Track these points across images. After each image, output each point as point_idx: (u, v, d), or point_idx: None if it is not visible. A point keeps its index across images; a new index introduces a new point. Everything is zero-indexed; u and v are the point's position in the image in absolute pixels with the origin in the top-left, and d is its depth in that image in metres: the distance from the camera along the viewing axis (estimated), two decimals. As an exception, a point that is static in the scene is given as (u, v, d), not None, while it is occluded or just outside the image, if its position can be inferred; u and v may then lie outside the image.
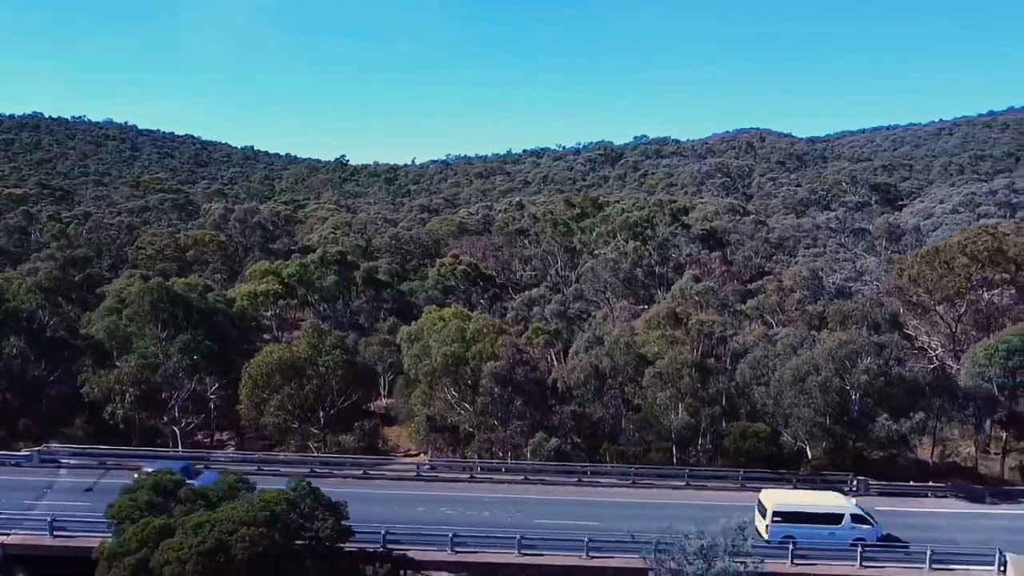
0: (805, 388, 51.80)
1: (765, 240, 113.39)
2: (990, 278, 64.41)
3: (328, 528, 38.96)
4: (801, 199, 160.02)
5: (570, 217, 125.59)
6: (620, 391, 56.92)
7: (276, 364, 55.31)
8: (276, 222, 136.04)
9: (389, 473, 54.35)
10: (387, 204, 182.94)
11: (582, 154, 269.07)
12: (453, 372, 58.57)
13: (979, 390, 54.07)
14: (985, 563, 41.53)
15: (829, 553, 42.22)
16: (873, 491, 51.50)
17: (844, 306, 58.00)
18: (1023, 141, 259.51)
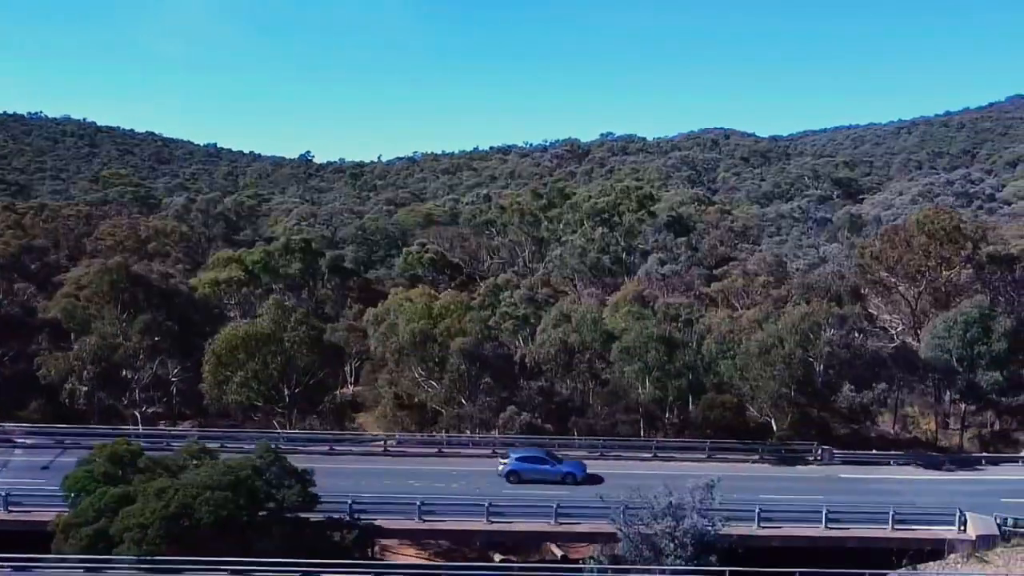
0: (770, 360, 52.34)
1: (730, 229, 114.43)
2: (948, 256, 65.67)
3: (295, 495, 38.41)
4: (765, 192, 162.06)
5: (537, 207, 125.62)
6: (588, 366, 56.99)
7: (240, 339, 54.39)
8: (240, 212, 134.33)
9: (356, 449, 53.76)
10: (353, 198, 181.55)
11: (549, 151, 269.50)
12: (420, 350, 58.24)
13: (938, 362, 55.05)
14: (946, 523, 42.26)
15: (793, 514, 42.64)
16: (837, 460, 52.21)
17: (807, 278, 58.83)
18: (977, 139, 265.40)
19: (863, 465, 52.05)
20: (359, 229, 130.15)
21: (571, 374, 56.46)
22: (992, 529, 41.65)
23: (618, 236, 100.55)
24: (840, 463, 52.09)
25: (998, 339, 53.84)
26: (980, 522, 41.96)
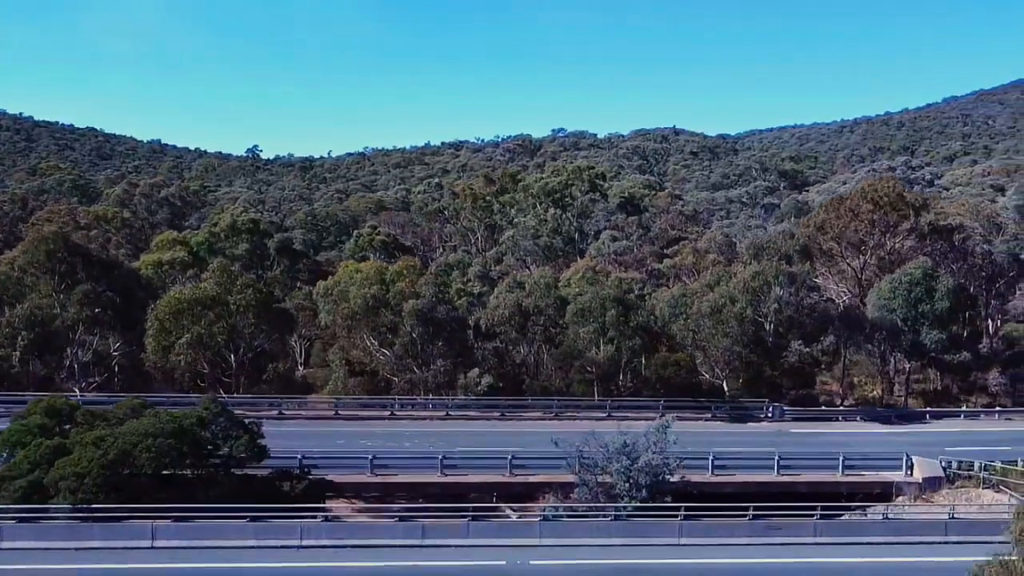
0: (722, 319, 52.73)
1: (680, 213, 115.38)
2: (893, 225, 67.07)
3: (242, 446, 37.20)
4: (714, 183, 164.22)
5: (490, 193, 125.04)
6: (543, 329, 56.67)
7: (186, 303, 52.73)
8: (185, 198, 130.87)
9: (305, 413, 52.72)
10: (303, 190, 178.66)
11: (501, 146, 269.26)
12: (373, 315, 57.21)
13: (884, 322, 56.12)
14: (893, 467, 43.02)
15: (745, 464, 42.98)
16: (788, 416, 52.88)
17: (757, 239, 59.51)
18: (916, 137, 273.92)
19: (812, 421, 52.82)
20: (309, 215, 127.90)
21: (526, 337, 56.05)
22: (938, 472, 42.56)
23: (570, 217, 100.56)
24: (790, 419, 52.76)
25: (941, 298, 55.12)
26: (926, 466, 42.86)
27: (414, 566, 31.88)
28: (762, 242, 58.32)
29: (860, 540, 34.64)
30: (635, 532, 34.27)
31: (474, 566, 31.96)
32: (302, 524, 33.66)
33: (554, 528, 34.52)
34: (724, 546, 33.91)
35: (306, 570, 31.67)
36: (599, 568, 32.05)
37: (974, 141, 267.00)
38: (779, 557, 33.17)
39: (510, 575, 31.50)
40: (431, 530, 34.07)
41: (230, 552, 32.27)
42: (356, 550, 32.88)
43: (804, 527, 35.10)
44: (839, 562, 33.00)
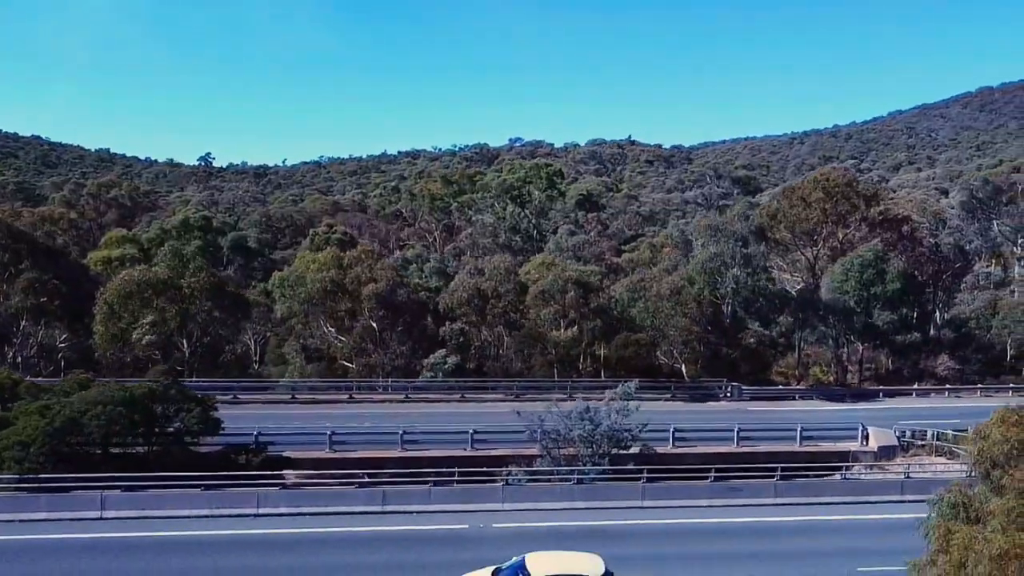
0: (681, 300, 53.17)
1: (637, 213, 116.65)
2: (844, 214, 68.49)
3: (195, 418, 36.29)
4: (669, 188, 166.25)
5: (448, 194, 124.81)
6: (503, 313, 56.49)
7: (136, 286, 51.31)
8: (135, 199, 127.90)
9: (262, 398, 51.53)
10: (257, 194, 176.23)
11: (458, 155, 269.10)
12: (330, 302, 56.48)
13: (837, 304, 57.18)
14: (850, 437, 43.72)
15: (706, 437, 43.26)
16: (746, 396, 53.43)
17: (713, 221, 60.27)
18: (864, 148, 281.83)
19: (770, 400, 53.48)
20: (263, 216, 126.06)
21: (486, 321, 55.80)
22: (892, 441, 43.37)
23: (529, 214, 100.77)
24: (749, 399, 53.34)
25: (892, 280, 56.40)
26: (881, 435, 43.65)
27: (375, 530, 31.31)
28: (717, 224, 59.10)
29: (819, 500, 35.00)
30: (598, 495, 34.15)
31: (436, 529, 31.52)
32: (259, 492, 32.83)
33: (517, 492, 34.21)
34: (686, 508, 33.98)
35: (263, 536, 30.81)
36: (562, 529, 31.81)
37: (918, 152, 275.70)
38: (740, 517, 33.34)
39: (473, 537, 31.08)
40: (392, 496, 33.48)
41: (183, 521, 31.30)
42: (316, 517, 32.16)
43: (764, 488, 35.37)
44: (799, 520, 33.32)
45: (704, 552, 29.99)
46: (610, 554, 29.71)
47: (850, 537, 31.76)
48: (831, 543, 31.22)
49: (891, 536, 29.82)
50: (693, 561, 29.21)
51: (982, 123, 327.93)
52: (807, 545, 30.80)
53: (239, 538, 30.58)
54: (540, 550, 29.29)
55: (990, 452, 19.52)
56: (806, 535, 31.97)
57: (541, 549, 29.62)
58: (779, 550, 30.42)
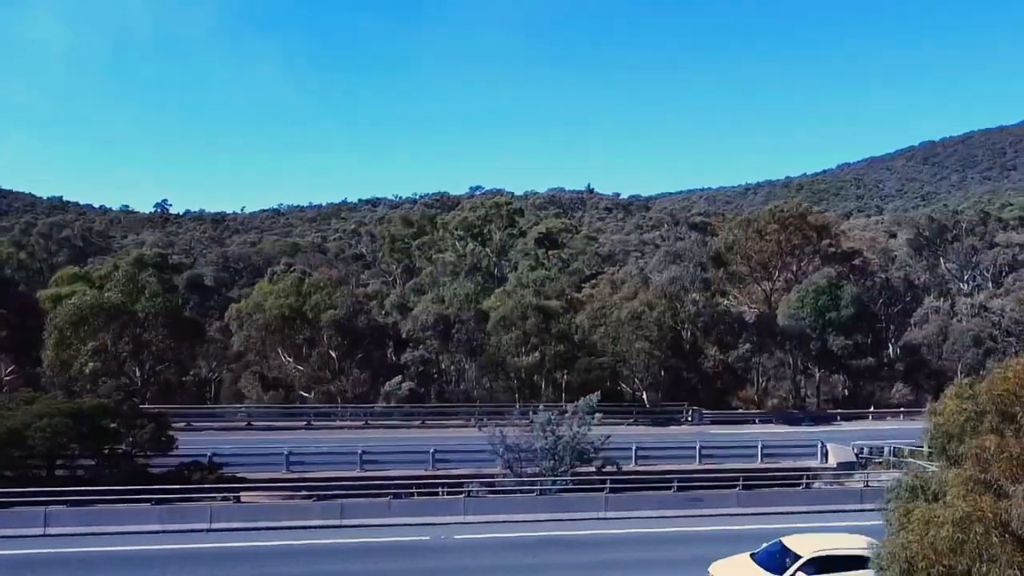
0: (641, 324, 53.55)
1: (596, 253, 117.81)
2: (799, 246, 70.11)
3: (147, 434, 35.23)
4: (628, 232, 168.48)
5: (408, 235, 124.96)
6: (466, 340, 56.26)
7: (88, 310, 50.06)
8: (88, 239, 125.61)
9: (216, 424, 50.24)
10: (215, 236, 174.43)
11: (419, 202, 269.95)
12: (288, 329, 55.75)
13: (794, 330, 58.13)
14: (809, 455, 44.06)
15: (668, 455, 43.32)
16: (707, 420, 53.64)
17: (672, 247, 61.17)
18: (814, 198, 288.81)
19: (731, 424, 53.76)
20: (220, 257, 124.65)
21: (448, 348, 55.46)
22: (851, 458, 43.80)
23: (489, 253, 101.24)
24: (709, 423, 53.53)
25: (846, 306, 57.60)
26: (840, 452, 44.08)
27: (334, 543, 30.44)
28: (676, 249, 60.05)
29: (782, 510, 34.93)
30: (560, 507, 33.73)
31: (397, 541, 30.75)
32: (212, 507, 31.76)
33: (479, 505, 33.63)
34: (649, 518, 33.70)
35: (217, 550, 29.71)
36: (525, 540, 31.30)
37: (867, 201, 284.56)
38: (704, 526, 33.20)
39: (434, 549, 30.37)
40: (351, 509, 32.66)
41: (132, 537, 30.07)
42: (271, 531, 31.19)
43: (727, 498, 35.31)
44: (763, 528, 33.12)
45: (667, 557, 29.67)
46: (573, 561, 29.45)
47: (813, 543, 31.71)
48: (795, 548, 31.15)
49: (853, 540, 30.01)
50: (654, 565, 28.89)
51: (926, 175, 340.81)
52: (772, 550, 30.67)
53: (192, 552, 29.45)
54: (510, 559, 28.89)
55: (945, 426, 19.79)
56: (769, 540, 31.86)
57: (505, 559, 29.20)
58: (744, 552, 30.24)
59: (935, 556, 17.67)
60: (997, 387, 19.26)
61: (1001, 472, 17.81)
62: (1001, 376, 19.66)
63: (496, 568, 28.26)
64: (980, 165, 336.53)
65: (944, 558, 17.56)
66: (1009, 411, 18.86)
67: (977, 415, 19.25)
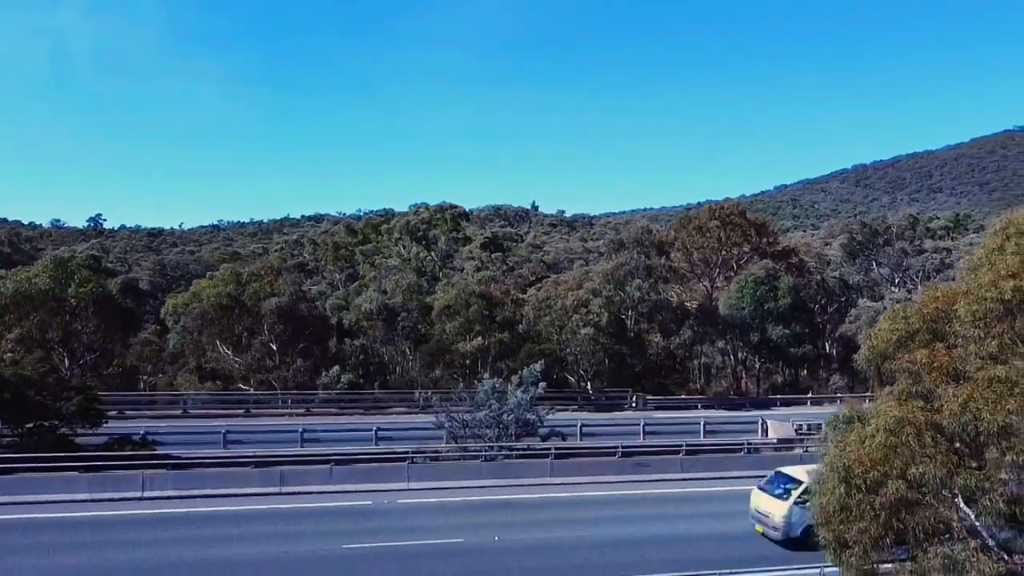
0: (587, 312, 53.84)
1: (541, 260, 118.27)
2: (738, 244, 71.54)
3: (74, 406, 33.84)
4: (572, 246, 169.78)
5: (352, 243, 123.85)
6: (410, 328, 55.74)
7: (10, 297, 48.03)
8: (17, 244, 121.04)
9: (150, 412, 48.55)
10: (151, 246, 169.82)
11: (364, 218, 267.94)
12: (227, 317, 54.40)
13: (734, 319, 59.16)
14: (750, 431, 44.77)
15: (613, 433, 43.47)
16: (651, 406, 54.02)
17: (616, 236, 61.78)
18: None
19: (674, 409, 54.20)
20: (157, 264, 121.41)
21: (393, 336, 54.85)
22: (790, 433, 44.55)
23: (434, 257, 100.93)
24: (653, 409, 53.91)
25: (783, 296, 58.91)
26: (780, 428, 44.87)
27: (273, 508, 29.61)
28: (621, 238, 60.71)
29: (725, 474, 35.36)
30: (507, 473, 33.46)
31: (339, 506, 30.08)
32: (144, 474, 30.62)
33: (423, 471, 33.16)
34: (595, 483, 33.71)
35: (150, 516, 28.59)
36: (472, 503, 30.96)
37: (803, 220, 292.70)
38: (649, 489, 33.35)
39: (378, 512, 29.78)
40: (291, 476, 31.88)
41: (60, 505, 28.78)
42: (208, 499, 30.19)
43: (671, 463, 35.56)
44: (706, 491, 33.57)
45: (614, 515, 29.69)
46: (520, 519, 29.23)
47: (755, 501, 32.13)
48: (739, 506, 31.49)
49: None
50: (601, 522, 28.86)
51: (858, 196, 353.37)
52: (715, 508, 30.99)
53: (123, 517, 28.31)
54: (457, 519, 28.52)
55: (879, 347, 20.36)
56: (712, 502, 32.18)
57: (452, 519, 28.78)
58: (687, 512, 30.50)
59: (871, 463, 18.12)
60: (927, 307, 19.95)
61: (932, 381, 18.40)
62: (931, 297, 20.38)
63: (444, 527, 27.84)
64: (908, 187, 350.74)
65: (879, 465, 18.01)
66: (938, 329, 19.54)
67: (909, 335, 19.86)
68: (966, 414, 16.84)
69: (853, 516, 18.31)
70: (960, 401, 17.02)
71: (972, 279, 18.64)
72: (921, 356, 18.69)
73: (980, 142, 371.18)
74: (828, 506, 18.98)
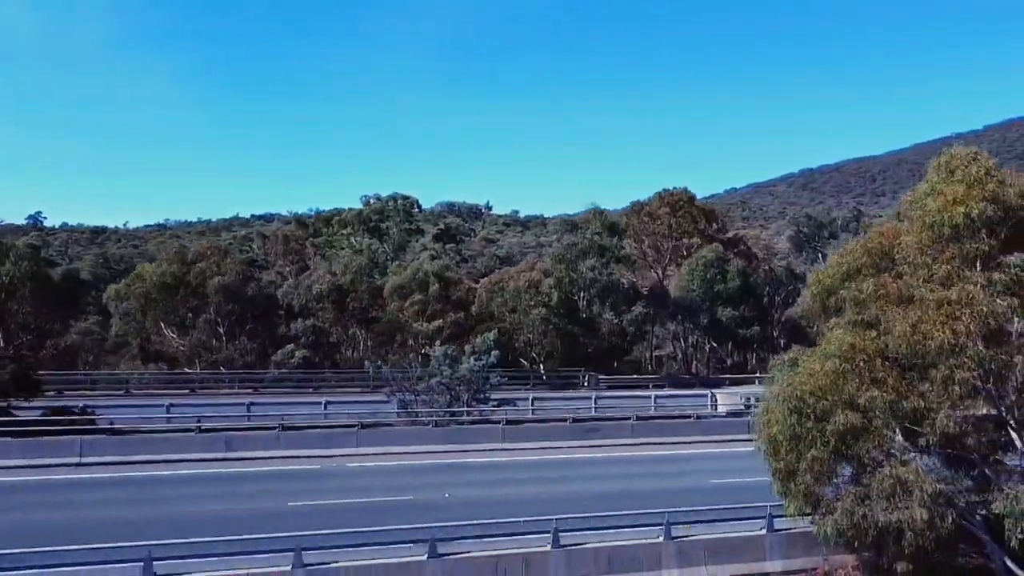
0: (539, 292, 53.84)
1: (495, 255, 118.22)
2: (687, 230, 72.31)
3: (8, 375, 32.56)
4: (526, 241, 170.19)
5: (303, 236, 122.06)
6: (361, 309, 55.07)
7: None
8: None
9: (92, 392, 46.91)
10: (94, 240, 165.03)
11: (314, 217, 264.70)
12: (172, 296, 53.06)
13: (684, 301, 59.71)
14: (700, 406, 45.16)
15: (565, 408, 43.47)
16: (603, 385, 54.12)
17: (568, 218, 61.88)
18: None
19: (626, 388, 54.36)
20: (100, 257, 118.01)
21: (343, 317, 54.09)
22: (739, 406, 45.16)
23: (387, 248, 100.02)
24: (605, 388, 54.01)
25: (732, 278, 59.69)
26: (729, 401, 45.51)
27: (218, 471, 28.85)
28: (574, 220, 60.84)
29: (674, 439, 35.67)
30: (459, 438, 33.23)
31: (287, 470, 29.44)
32: (82, 440, 29.61)
33: (373, 437, 32.70)
34: (546, 448, 33.66)
35: (87, 480, 27.60)
36: (423, 465, 30.63)
37: (752, 223, 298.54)
38: (599, 453, 33.40)
39: (327, 474, 29.24)
40: (238, 442, 31.19)
41: (-11, 472, 27.64)
42: (150, 465, 29.28)
43: (621, 429, 35.74)
44: (656, 453, 33.77)
45: (565, 475, 29.68)
46: (472, 479, 28.98)
47: (704, 462, 32.47)
48: (688, 467, 31.81)
49: (739, 461, 31.02)
50: (554, 481, 28.80)
51: (805, 200, 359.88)
52: (666, 468, 31.19)
53: (61, 482, 27.30)
54: (408, 479, 28.19)
55: (826, 282, 20.70)
56: (663, 463, 32.37)
57: (403, 480, 28.41)
58: (638, 471, 30.59)
59: (822, 392, 18.37)
60: (872, 242, 20.33)
61: (879, 309, 18.74)
62: (876, 233, 20.80)
63: (393, 487, 27.42)
64: (853, 191, 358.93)
65: (830, 393, 18.28)
66: (883, 263, 19.91)
67: (856, 269, 20.22)
68: (916, 335, 17.18)
69: (804, 445, 18.56)
70: (910, 323, 17.37)
71: (917, 210, 19.05)
72: (869, 285, 19.06)
73: (921, 148, 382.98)
74: (777, 436, 19.23)
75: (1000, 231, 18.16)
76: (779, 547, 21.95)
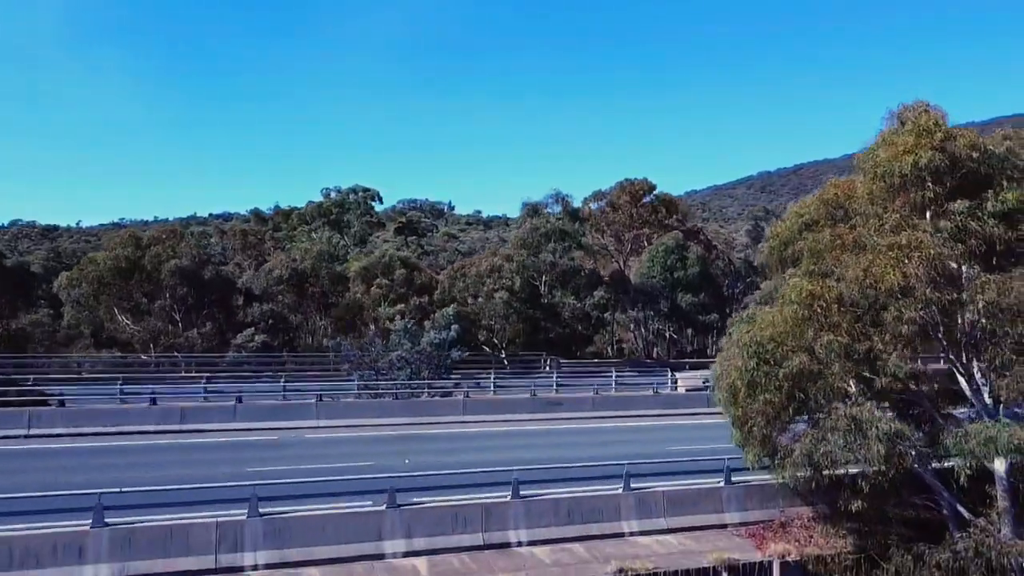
0: (501, 276, 53.84)
1: (456, 250, 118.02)
2: (648, 221, 72.95)
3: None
4: (489, 236, 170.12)
5: (261, 231, 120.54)
6: (321, 294, 54.51)
7: None
8: None
9: (41, 375, 45.68)
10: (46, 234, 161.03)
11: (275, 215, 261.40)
12: (126, 284, 51.97)
13: (645, 287, 60.24)
14: (660, 384, 45.52)
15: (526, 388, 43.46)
16: (564, 369, 54.21)
17: (531, 201, 61.96)
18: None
19: (587, 375, 54.62)
20: (52, 252, 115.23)
21: (303, 302, 53.46)
22: (698, 385, 45.57)
23: (348, 242, 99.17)
24: (567, 373, 54.13)
25: (692, 265, 60.37)
26: (689, 380, 45.83)
27: (173, 442, 28.30)
28: (535, 204, 61.03)
29: (634, 412, 35.93)
30: (420, 411, 33.03)
31: (243, 440, 28.98)
32: (30, 411, 28.83)
33: (332, 410, 32.35)
34: (508, 421, 33.63)
35: (34, 450, 26.87)
36: (383, 436, 30.39)
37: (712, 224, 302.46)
38: (560, 424, 33.47)
39: (285, 444, 28.83)
40: (192, 414, 30.63)
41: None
42: (101, 436, 28.62)
43: (583, 403, 35.88)
44: (617, 425, 33.97)
45: (526, 444, 29.65)
46: (432, 448, 28.82)
47: (664, 432, 32.79)
48: (648, 436, 32.05)
49: (698, 432, 31.57)
50: (514, 448, 28.73)
51: (764, 201, 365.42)
52: (628, 437, 31.39)
53: (6, 452, 26.53)
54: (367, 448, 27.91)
55: (784, 235, 21.04)
56: (625, 433, 32.58)
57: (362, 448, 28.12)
58: (598, 440, 30.72)
59: (781, 338, 18.64)
60: (828, 194, 20.69)
61: (834, 259, 19.09)
62: (832, 185, 21.18)
63: (353, 454, 27.12)
64: (810, 192, 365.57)
65: (788, 339, 18.56)
66: (837, 215, 20.29)
67: (812, 222, 20.57)
68: (868, 278, 17.53)
69: (759, 389, 18.82)
70: (863, 267, 17.74)
71: (870, 162, 19.44)
72: (825, 235, 19.42)
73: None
74: (736, 383, 19.47)
75: (947, 180, 18.61)
76: (737, 499, 22.20)
